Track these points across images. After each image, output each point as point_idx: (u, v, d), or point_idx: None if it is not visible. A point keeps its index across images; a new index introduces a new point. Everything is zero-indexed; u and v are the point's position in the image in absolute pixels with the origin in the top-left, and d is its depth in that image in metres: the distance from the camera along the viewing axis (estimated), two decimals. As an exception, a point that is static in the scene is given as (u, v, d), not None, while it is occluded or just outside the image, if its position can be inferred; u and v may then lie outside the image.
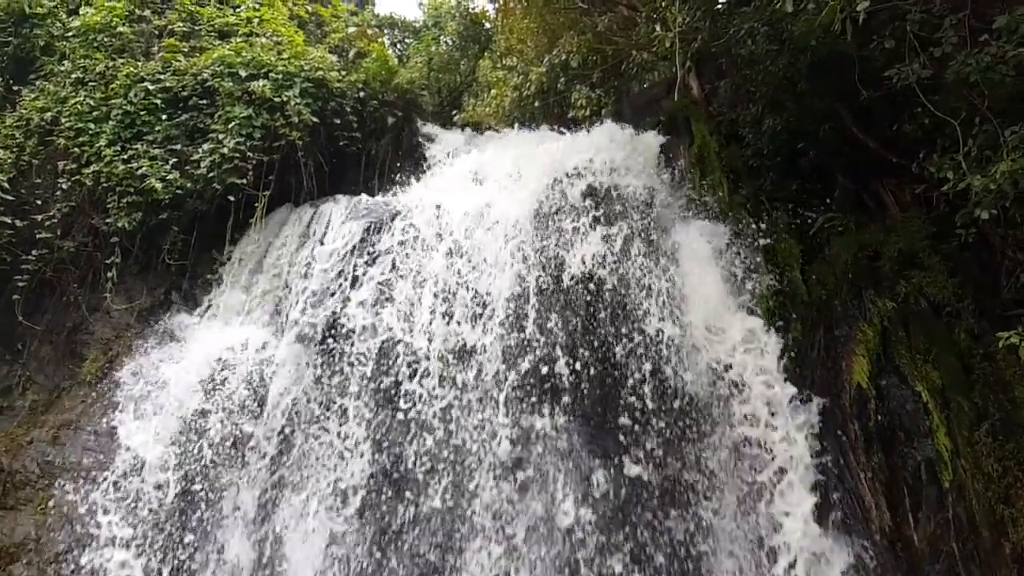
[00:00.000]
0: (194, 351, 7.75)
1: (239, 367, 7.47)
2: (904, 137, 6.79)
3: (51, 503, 6.97)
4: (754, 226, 7.61)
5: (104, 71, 9.05)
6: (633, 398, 6.55)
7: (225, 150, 8.29)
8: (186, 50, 9.45)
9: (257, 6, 10.48)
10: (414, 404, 6.72)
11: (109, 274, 8.23)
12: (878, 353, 6.43)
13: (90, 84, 8.97)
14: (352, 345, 7.10)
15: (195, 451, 7.00)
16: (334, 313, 7.30)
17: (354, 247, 7.77)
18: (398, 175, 9.80)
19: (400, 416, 6.69)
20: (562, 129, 9.90)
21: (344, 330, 7.19)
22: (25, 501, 7.06)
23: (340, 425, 6.83)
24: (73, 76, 9.06)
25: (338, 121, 9.42)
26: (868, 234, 7.11)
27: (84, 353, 8.09)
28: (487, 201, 8.07)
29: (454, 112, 12.30)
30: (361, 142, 9.80)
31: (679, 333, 6.85)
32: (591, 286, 7.13)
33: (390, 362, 6.96)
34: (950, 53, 5.59)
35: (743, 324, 7.06)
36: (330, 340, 7.18)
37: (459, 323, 7.10)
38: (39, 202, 8.40)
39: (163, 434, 7.14)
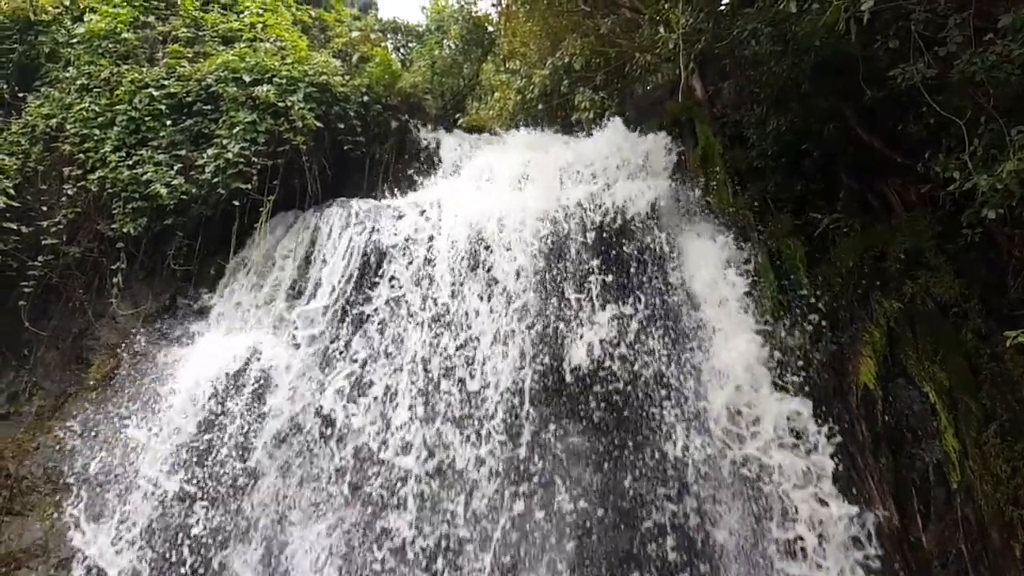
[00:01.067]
0: (178, 389, 6.72)
1: (229, 427, 6.36)
2: (909, 137, 6.78)
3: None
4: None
5: (109, 77, 9.06)
6: (652, 546, 5.44)
7: (229, 155, 8.29)
8: (190, 56, 9.46)
9: (261, 11, 10.50)
10: (392, 541, 5.68)
11: (115, 280, 8.22)
12: (885, 354, 6.42)
13: (95, 90, 8.98)
14: (327, 458, 6.19)
15: (173, 558, 5.64)
16: (313, 410, 6.44)
17: (346, 302, 7.10)
18: (401, 179, 9.82)
19: (377, 567, 5.67)
20: (564, 133, 9.89)
21: (313, 434, 6.34)
22: (32, 506, 7.06)
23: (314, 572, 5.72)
24: (78, 82, 9.07)
25: (342, 125, 9.43)
26: (874, 234, 7.10)
27: (90, 359, 8.09)
28: (480, 231, 7.22)
29: (457, 116, 12.30)
30: (365, 146, 9.82)
31: (709, 454, 5.63)
32: (597, 388, 6.07)
33: (365, 481, 5.99)
34: (955, 52, 5.59)
35: (780, 407, 5.78)
36: (309, 443, 6.32)
37: (443, 426, 6.02)
38: (45, 208, 8.39)
39: (129, 534, 5.73)
